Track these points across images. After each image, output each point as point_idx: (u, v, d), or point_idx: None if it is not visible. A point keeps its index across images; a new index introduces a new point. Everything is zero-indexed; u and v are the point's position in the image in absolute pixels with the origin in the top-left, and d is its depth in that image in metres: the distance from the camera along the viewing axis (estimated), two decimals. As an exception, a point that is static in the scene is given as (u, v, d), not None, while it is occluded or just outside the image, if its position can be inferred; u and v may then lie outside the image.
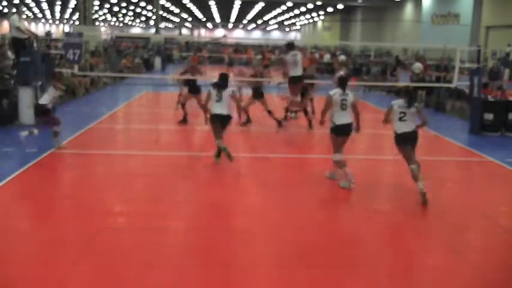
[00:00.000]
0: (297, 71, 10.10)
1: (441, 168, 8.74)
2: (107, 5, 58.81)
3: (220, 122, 7.65)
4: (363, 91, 19.97)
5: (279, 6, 55.42)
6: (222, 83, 7.66)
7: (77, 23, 58.26)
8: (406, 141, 6.65)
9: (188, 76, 11.39)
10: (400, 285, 4.50)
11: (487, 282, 4.59)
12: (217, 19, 76.68)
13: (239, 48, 41.22)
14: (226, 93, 7.64)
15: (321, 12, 62.09)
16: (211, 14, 68.10)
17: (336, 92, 6.89)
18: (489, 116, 11.47)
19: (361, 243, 5.26)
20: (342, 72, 13.18)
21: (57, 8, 64.77)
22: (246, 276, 4.50)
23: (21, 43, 11.46)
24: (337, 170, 7.13)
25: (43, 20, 79.74)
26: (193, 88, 11.22)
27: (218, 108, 7.59)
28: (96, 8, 52.51)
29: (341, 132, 6.93)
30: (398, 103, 6.63)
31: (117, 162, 8.39)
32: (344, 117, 6.89)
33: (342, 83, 6.98)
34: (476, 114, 11.45)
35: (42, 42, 21.38)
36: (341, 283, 4.50)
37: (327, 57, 30.87)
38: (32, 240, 5.15)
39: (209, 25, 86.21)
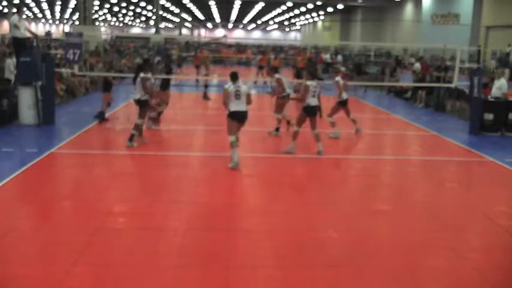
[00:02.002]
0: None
1: (441, 168, 8.74)
2: (107, 5, 58.78)
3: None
4: (364, 91, 19.98)
5: (279, 6, 55.40)
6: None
7: (77, 23, 58.28)
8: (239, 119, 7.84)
9: (188, 76, 11.39)
10: (400, 285, 4.50)
11: (487, 282, 4.60)
12: (217, 19, 76.68)
13: (220, 47, 41.15)
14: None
15: (321, 12, 62.07)
16: (211, 14, 68.10)
17: (230, 85, 7.84)
18: (489, 116, 11.47)
19: (361, 243, 5.26)
20: (343, 69, 13.21)
21: (57, 8, 64.77)
22: (246, 276, 4.50)
23: (21, 43, 11.47)
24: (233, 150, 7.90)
25: (43, 20, 79.75)
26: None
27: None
28: (96, 8, 52.51)
29: (235, 118, 7.82)
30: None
31: (117, 162, 8.39)
32: (238, 106, 7.76)
33: (233, 77, 7.92)
34: (476, 114, 11.45)
35: (42, 42, 21.39)
36: (341, 283, 4.50)
37: (326, 57, 30.92)
38: (32, 240, 5.15)
39: (209, 25, 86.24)
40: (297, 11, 61.06)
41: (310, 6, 52.49)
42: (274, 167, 8.40)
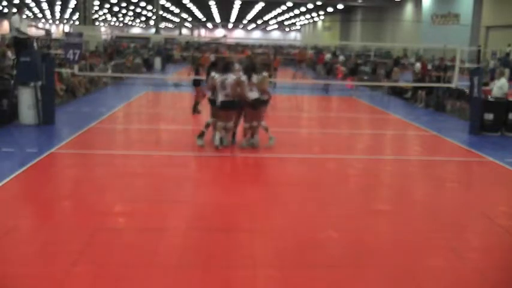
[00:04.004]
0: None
1: (441, 168, 8.74)
2: (107, 5, 58.81)
3: None
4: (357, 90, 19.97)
5: (279, 6, 55.44)
6: None
7: (77, 23, 58.28)
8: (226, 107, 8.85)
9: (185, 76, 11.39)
10: (399, 285, 4.50)
11: (487, 282, 4.59)
12: (217, 19, 76.69)
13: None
14: None
15: (321, 12, 62.10)
16: (211, 14, 68.10)
17: (217, 75, 8.82)
18: (489, 116, 11.47)
19: (361, 243, 5.25)
20: (343, 69, 13.16)
21: (57, 8, 64.78)
22: (246, 276, 4.50)
23: (22, 43, 11.48)
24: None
25: (43, 20, 79.77)
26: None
27: None
28: (96, 8, 52.53)
29: (223, 107, 8.84)
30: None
31: (117, 162, 8.39)
32: (222, 95, 8.75)
33: (224, 68, 8.89)
34: (476, 114, 11.45)
35: (42, 42, 21.39)
36: (341, 283, 4.50)
37: (327, 56, 30.96)
38: (32, 240, 5.15)
39: (209, 25, 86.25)
40: (297, 11, 61.09)
41: (310, 6, 52.52)
42: (273, 166, 8.40)
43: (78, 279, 4.34)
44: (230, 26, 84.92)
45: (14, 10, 12.46)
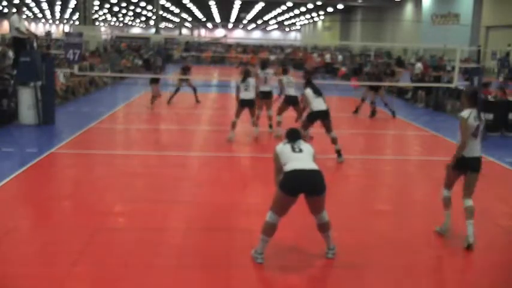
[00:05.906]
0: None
1: (441, 168, 8.70)
2: (107, 5, 58.77)
3: None
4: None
5: (279, 6, 55.39)
6: None
7: (77, 23, 58.25)
8: (245, 105, 9.79)
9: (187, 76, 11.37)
10: (399, 285, 4.50)
11: (487, 282, 4.59)
12: (217, 19, 76.66)
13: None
14: None
15: (321, 12, 62.05)
16: (211, 14, 68.08)
17: (240, 81, 9.86)
18: (489, 116, 11.45)
19: (361, 243, 5.26)
20: (343, 69, 13.21)
21: (57, 8, 64.75)
22: (246, 276, 4.50)
23: (21, 43, 11.47)
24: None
25: (43, 20, 79.73)
26: None
27: None
28: (96, 8, 52.47)
29: (241, 104, 9.78)
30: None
31: (117, 162, 8.39)
32: (245, 95, 9.69)
33: (244, 75, 9.83)
34: (476, 114, 11.43)
35: (43, 42, 21.38)
36: (341, 283, 4.51)
37: (327, 56, 30.99)
38: (32, 240, 5.15)
39: (209, 25, 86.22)
40: (297, 11, 61.02)
41: (310, 6, 52.48)
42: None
43: (78, 279, 4.34)
44: (230, 26, 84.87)
45: (14, 10, 12.47)
